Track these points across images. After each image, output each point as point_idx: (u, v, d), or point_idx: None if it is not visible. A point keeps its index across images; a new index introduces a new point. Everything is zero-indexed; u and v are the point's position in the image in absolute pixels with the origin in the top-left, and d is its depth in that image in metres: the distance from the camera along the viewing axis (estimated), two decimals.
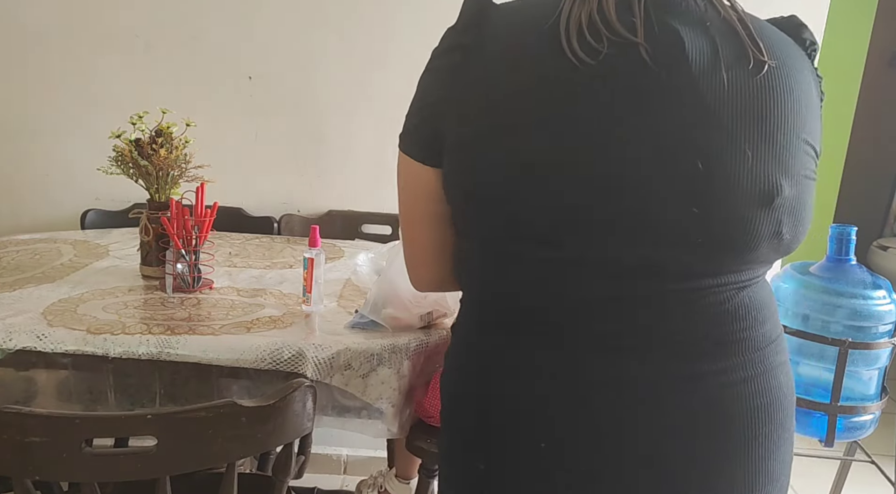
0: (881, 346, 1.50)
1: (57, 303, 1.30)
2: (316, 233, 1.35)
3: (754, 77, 0.70)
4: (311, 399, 1.03)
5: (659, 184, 0.67)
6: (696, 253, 0.70)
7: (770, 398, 0.75)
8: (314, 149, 2.09)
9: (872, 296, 1.50)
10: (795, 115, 0.71)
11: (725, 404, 0.73)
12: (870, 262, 3.34)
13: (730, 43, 0.70)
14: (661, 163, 0.67)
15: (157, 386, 1.16)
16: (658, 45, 0.68)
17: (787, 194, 0.70)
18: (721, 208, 0.68)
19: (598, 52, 0.67)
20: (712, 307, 0.72)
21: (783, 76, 0.72)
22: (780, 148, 0.70)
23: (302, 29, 2.01)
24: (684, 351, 0.72)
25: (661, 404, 0.72)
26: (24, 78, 2.03)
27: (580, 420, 0.73)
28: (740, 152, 0.68)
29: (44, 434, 0.88)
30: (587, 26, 0.68)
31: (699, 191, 0.68)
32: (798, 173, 0.71)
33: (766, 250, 0.72)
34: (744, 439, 0.74)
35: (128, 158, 1.47)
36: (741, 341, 0.73)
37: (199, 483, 1.23)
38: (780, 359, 0.77)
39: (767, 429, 0.75)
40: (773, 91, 0.71)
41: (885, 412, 1.59)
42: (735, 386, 0.73)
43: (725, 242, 0.70)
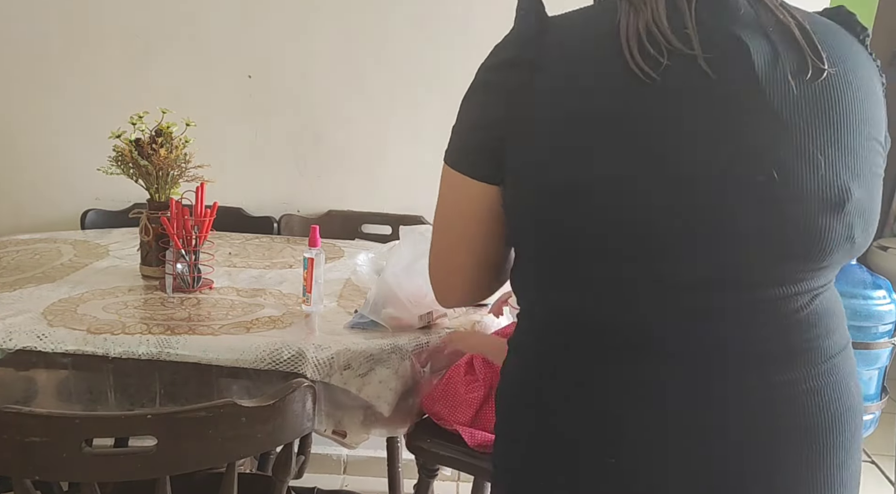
0: (881, 346, 1.50)
1: (57, 303, 1.30)
2: (316, 232, 1.35)
3: (817, 82, 0.69)
4: (311, 399, 1.03)
5: (734, 196, 0.67)
6: (771, 263, 0.69)
7: (843, 407, 0.74)
8: (314, 149, 2.09)
9: (872, 296, 1.50)
10: (861, 114, 0.71)
11: (801, 414, 0.72)
12: (870, 262, 3.33)
13: (790, 48, 0.70)
14: (734, 175, 0.67)
15: (157, 386, 1.16)
16: (720, 53, 0.67)
17: (857, 196, 0.69)
18: (796, 216, 0.68)
19: (660, 63, 0.66)
20: (786, 316, 0.71)
21: (844, 77, 0.71)
22: (849, 150, 0.69)
23: (302, 29, 2.01)
24: (759, 362, 0.71)
25: (737, 416, 0.71)
26: (24, 78, 2.03)
27: (654, 435, 0.72)
28: (812, 159, 0.67)
29: (44, 434, 0.88)
30: (647, 37, 0.67)
31: (773, 200, 0.67)
32: (867, 172, 0.71)
33: (840, 254, 0.71)
34: (818, 449, 0.73)
35: (128, 158, 1.47)
36: (813, 350, 0.73)
37: (199, 483, 1.24)
38: (849, 368, 0.76)
39: (842, 439, 0.74)
40: (838, 94, 0.70)
41: (885, 412, 1.59)
42: (809, 395, 0.72)
43: (801, 250, 0.69)
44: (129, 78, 2.02)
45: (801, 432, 0.73)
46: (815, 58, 0.69)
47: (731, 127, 0.67)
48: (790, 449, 0.72)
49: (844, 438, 0.75)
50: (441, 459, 1.33)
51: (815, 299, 0.73)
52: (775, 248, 0.68)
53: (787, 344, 0.72)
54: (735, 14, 0.70)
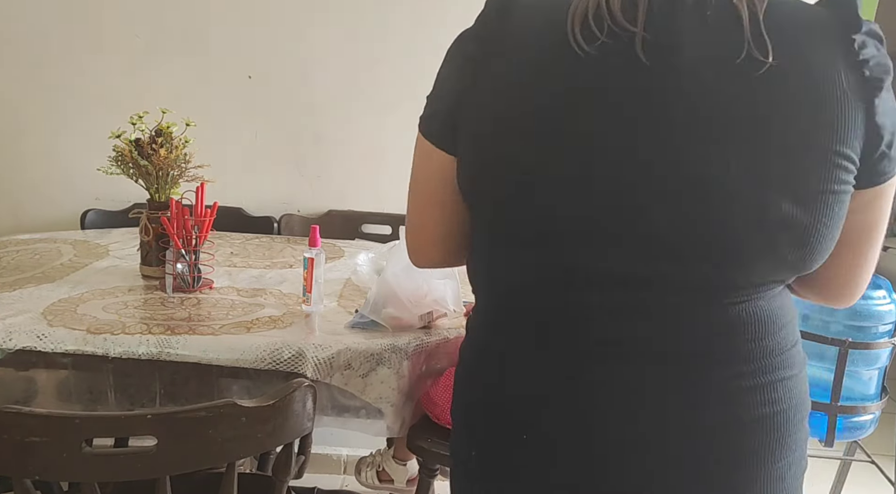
0: (881, 346, 1.50)
1: (57, 303, 1.30)
2: (316, 232, 1.35)
3: (756, 81, 0.63)
4: (311, 399, 1.03)
5: (645, 194, 0.65)
6: (689, 267, 0.67)
7: (775, 408, 0.73)
8: (314, 149, 2.09)
9: (872, 296, 1.50)
10: (813, 121, 0.64)
11: (731, 412, 0.72)
12: None
13: (734, 40, 0.64)
14: (648, 173, 0.65)
15: (157, 386, 1.16)
16: (660, 41, 0.64)
17: (787, 212, 0.64)
18: (708, 225, 0.65)
19: (597, 38, 0.65)
20: (718, 315, 0.70)
21: (796, 77, 0.64)
22: (783, 162, 0.63)
23: (302, 29, 2.01)
24: (683, 360, 0.71)
25: (662, 410, 0.71)
26: (24, 78, 2.03)
27: (577, 423, 0.72)
28: (727, 166, 0.63)
29: (44, 434, 0.88)
30: (592, 15, 0.65)
31: (685, 204, 0.65)
32: (812, 189, 0.65)
33: (769, 267, 0.68)
34: (750, 448, 0.73)
35: (128, 158, 1.47)
36: (749, 351, 0.72)
37: (199, 483, 1.23)
38: (790, 371, 0.75)
39: (772, 439, 0.74)
40: (781, 96, 0.63)
41: (885, 412, 1.59)
42: (741, 394, 0.72)
43: (715, 259, 0.67)
44: (129, 78, 2.02)
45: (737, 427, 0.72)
46: (758, 49, 0.63)
47: (651, 122, 0.64)
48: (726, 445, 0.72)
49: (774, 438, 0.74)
50: (441, 459, 1.33)
51: (745, 304, 0.71)
52: (688, 254, 0.66)
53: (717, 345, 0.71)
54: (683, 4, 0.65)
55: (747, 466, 0.73)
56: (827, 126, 0.64)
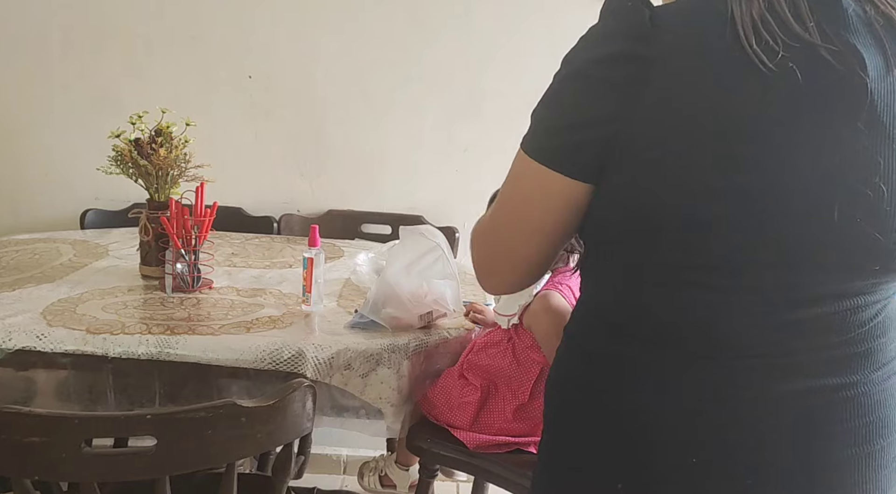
0: None
1: (56, 303, 1.30)
2: (315, 232, 1.35)
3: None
4: (311, 399, 1.02)
5: (841, 205, 0.64)
6: (868, 277, 0.68)
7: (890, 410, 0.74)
8: (314, 149, 2.09)
9: None
10: None
11: (878, 415, 0.72)
12: None
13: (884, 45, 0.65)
14: (843, 182, 0.64)
15: (157, 386, 1.16)
16: (837, 47, 0.63)
17: None
18: (889, 229, 0.65)
19: (776, 52, 0.62)
20: (861, 325, 0.71)
21: None
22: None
23: (302, 29, 2.01)
24: (832, 366, 0.71)
25: (814, 419, 0.71)
26: (25, 78, 2.03)
27: (731, 438, 0.71)
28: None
29: (44, 434, 0.88)
30: (763, 25, 0.63)
31: (878, 212, 0.65)
32: None
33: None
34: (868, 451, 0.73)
35: (127, 158, 1.47)
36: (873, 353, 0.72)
37: (198, 483, 1.23)
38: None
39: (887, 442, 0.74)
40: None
41: None
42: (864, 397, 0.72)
43: (887, 263, 0.67)
44: (129, 78, 2.02)
45: (877, 433, 0.72)
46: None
47: (849, 133, 0.63)
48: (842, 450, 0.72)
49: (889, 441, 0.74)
50: (441, 459, 1.33)
51: (884, 309, 0.72)
52: (875, 265, 0.67)
53: (860, 349, 0.71)
54: (844, 18, 0.65)
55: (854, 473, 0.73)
56: None
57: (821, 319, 0.69)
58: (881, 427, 0.73)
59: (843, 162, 0.63)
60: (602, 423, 0.76)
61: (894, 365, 0.75)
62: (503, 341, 1.31)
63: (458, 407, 1.29)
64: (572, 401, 0.80)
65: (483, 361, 1.31)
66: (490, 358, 1.30)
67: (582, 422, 0.78)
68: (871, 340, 0.72)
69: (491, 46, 1.96)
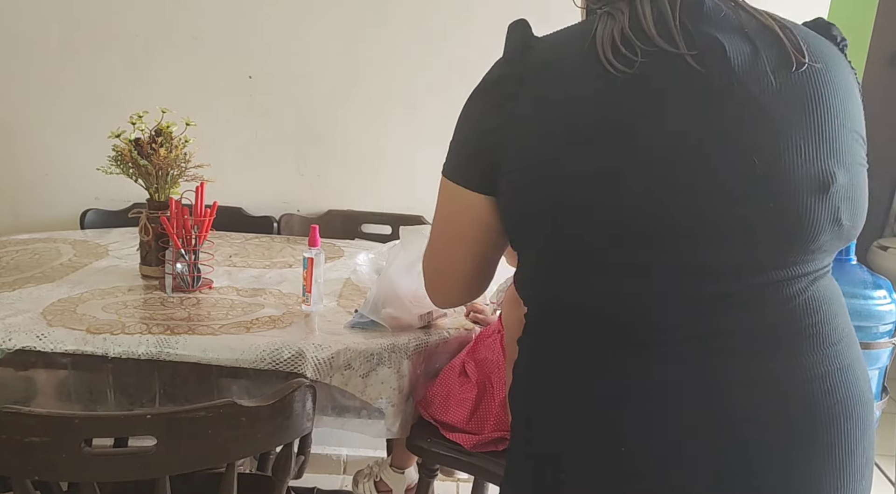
0: (881, 346, 1.50)
1: (56, 303, 1.30)
2: (316, 232, 1.35)
3: (799, 76, 0.73)
4: (311, 399, 1.02)
5: (719, 184, 0.70)
6: (762, 249, 0.72)
7: (850, 394, 0.75)
8: (314, 148, 2.09)
9: (873, 296, 1.50)
10: (841, 108, 0.74)
11: (808, 401, 0.73)
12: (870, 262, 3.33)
13: (770, 46, 0.74)
14: (718, 164, 0.70)
15: (157, 386, 1.16)
16: (699, 50, 0.72)
17: (842, 181, 0.73)
18: (781, 201, 0.71)
19: (633, 61, 0.71)
20: (785, 302, 0.73)
21: (825, 74, 0.75)
22: (831, 138, 0.73)
23: (302, 29, 2.01)
24: (762, 349, 0.72)
25: (744, 404, 0.72)
26: (25, 78, 2.03)
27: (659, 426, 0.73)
28: (793, 145, 0.71)
29: (44, 434, 0.88)
30: (620, 40, 0.72)
31: (758, 187, 0.70)
32: (851, 161, 0.75)
33: (829, 238, 0.74)
34: (827, 437, 0.74)
35: (127, 158, 1.47)
36: (815, 335, 0.74)
37: (198, 483, 1.23)
38: (855, 354, 0.78)
39: (849, 426, 0.75)
40: (818, 89, 0.74)
41: (885, 412, 1.59)
42: (815, 381, 0.73)
43: (789, 234, 0.72)
44: (128, 78, 2.02)
45: (809, 419, 0.73)
46: (797, 52, 0.74)
47: (713, 117, 0.71)
48: (800, 437, 0.73)
49: (852, 425, 0.75)
50: (441, 459, 1.33)
51: (812, 284, 0.75)
52: (765, 232, 0.71)
53: (789, 330, 0.73)
54: (716, 17, 0.74)
55: (828, 455, 0.74)
56: (850, 111, 0.76)
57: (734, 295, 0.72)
58: (834, 414, 0.74)
59: (714, 145, 0.70)
60: (539, 411, 0.81)
61: (841, 347, 0.76)
62: (494, 332, 1.32)
63: (457, 404, 1.29)
64: (517, 391, 0.86)
65: (480, 354, 1.31)
66: (485, 350, 1.31)
67: (524, 411, 0.84)
68: (804, 317, 0.74)
69: (490, 46, 1.95)
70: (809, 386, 0.73)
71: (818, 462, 0.74)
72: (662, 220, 0.70)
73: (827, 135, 0.73)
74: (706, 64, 0.71)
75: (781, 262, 0.73)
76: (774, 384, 0.72)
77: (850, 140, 0.75)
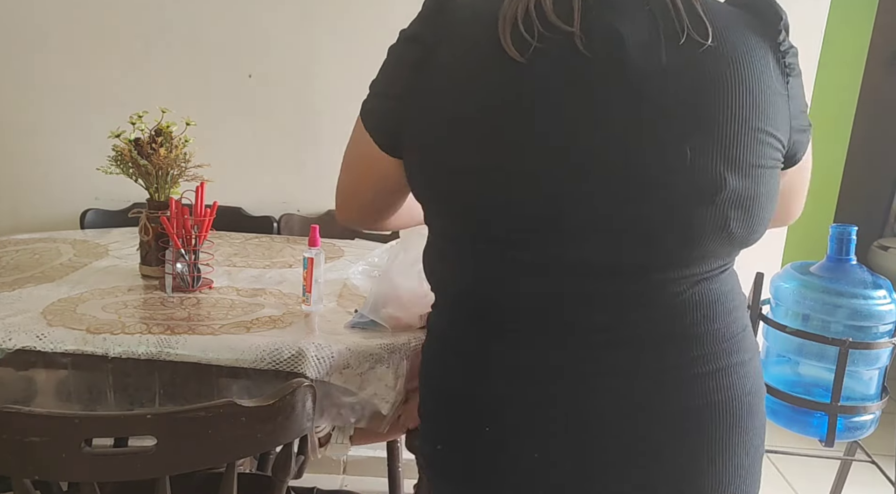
0: (881, 346, 1.50)
1: (56, 303, 1.30)
2: (316, 232, 1.35)
3: (697, 67, 0.67)
4: (311, 399, 1.02)
5: (596, 182, 0.67)
6: (642, 250, 0.69)
7: (730, 393, 0.74)
8: (314, 148, 2.09)
9: (873, 296, 1.50)
10: (747, 103, 0.68)
11: (687, 398, 0.73)
12: (870, 262, 3.34)
13: (673, 34, 0.68)
14: (597, 161, 0.67)
15: (157, 386, 1.16)
16: (593, 34, 0.67)
17: (734, 187, 0.67)
18: (660, 205, 0.67)
19: (528, 46, 0.67)
20: (668, 300, 0.72)
21: (731, 61, 0.68)
22: (725, 138, 0.67)
23: (302, 28, 2.01)
24: (643, 346, 0.72)
25: (624, 397, 0.72)
26: (24, 78, 2.03)
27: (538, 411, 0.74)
28: (677, 146, 0.66)
29: (43, 434, 0.88)
30: (522, 20, 0.68)
31: (636, 187, 0.67)
32: (749, 163, 0.68)
33: (715, 245, 0.70)
34: (706, 434, 0.73)
35: (127, 158, 1.47)
36: (699, 335, 0.73)
37: (198, 483, 1.23)
38: (741, 356, 0.76)
39: (726, 424, 0.74)
40: (719, 79, 0.67)
41: (885, 412, 1.59)
42: (696, 380, 0.73)
43: (669, 237, 0.69)
44: (128, 77, 2.02)
45: (685, 416, 0.73)
46: (697, 32, 0.67)
47: (597, 112, 0.67)
48: (673, 432, 0.73)
49: (728, 424, 0.74)
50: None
51: (697, 285, 0.72)
52: (641, 235, 0.69)
53: (670, 329, 0.72)
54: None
55: (704, 452, 0.74)
56: (755, 106, 0.68)
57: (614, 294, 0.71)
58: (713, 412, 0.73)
59: (593, 141, 0.67)
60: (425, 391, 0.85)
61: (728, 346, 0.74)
62: None
63: None
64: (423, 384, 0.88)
65: None
66: None
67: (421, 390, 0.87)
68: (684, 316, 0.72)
69: None
70: (690, 384, 0.73)
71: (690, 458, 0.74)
72: (538, 216, 0.69)
73: (721, 135, 0.67)
74: (596, 51, 0.67)
75: (664, 265, 0.71)
76: (653, 380, 0.72)
77: (751, 139, 0.68)
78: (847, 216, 3.13)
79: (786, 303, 1.56)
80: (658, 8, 0.68)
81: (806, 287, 1.54)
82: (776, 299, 1.59)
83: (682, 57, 0.67)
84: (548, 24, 0.67)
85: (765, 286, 1.59)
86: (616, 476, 0.74)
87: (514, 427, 0.75)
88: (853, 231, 1.54)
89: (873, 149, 3.62)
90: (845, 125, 3.24)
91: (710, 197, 0.67)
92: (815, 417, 1.53)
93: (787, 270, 1.61)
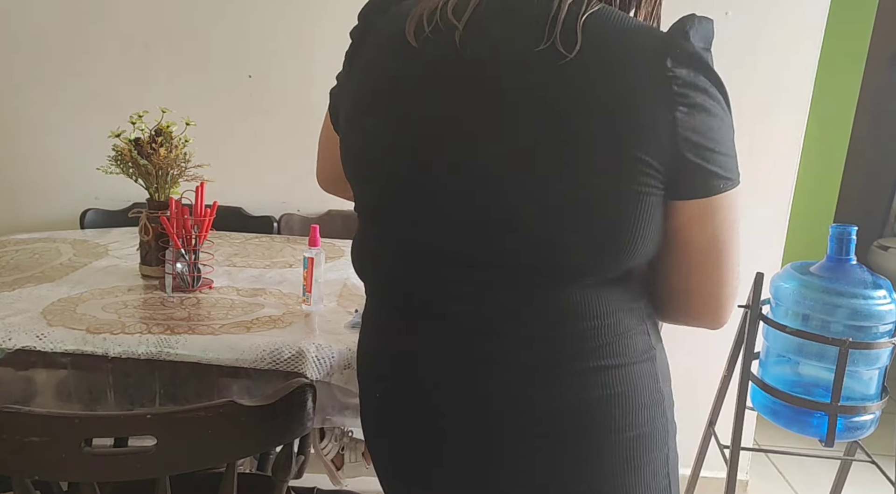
0: (881, 346, 1.50)
1: (56, 303, 1.30)
2: (316, 232, 1.35)
3: (556, 73, 0.66)
4: (311, 398, 1.02)
5: (440, 173, 0.71)
6: (492, 246, 0.71)
7: (576, 403, 0.73)
8: (314, 148, 2.08)
9: (873, 296, 1.50)
10: (609, 122, 0.65)
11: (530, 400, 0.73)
12: (870, 262, 3.34)
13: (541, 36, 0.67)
14: (439, 153, 0.71)
15: (157, 386, 1.16)
16: (472, 33, 0.71)
17: (589, 202, 0.66)
18: (499, 207, 0.69)
19: (423, 33, 0.72)
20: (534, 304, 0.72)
21: (599, 76, 0.66)
22: (581, 155, 0.66)
23: (302, 29, 2.01)
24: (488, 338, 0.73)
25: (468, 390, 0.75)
26: (24, 78, 2.03)
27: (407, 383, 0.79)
28: (523, 149, 0.67)
29: (43, 434, 0.88)
30: (428, 14, 0.73)
31: (487, 191, 0.69)
32: (609, 184, 0.66)
33: (563, 254, 0.69)
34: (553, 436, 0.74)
35: (127, 158, 1.47)
36: (564, 337, 0.72)
37: (198, 483, 1.23)
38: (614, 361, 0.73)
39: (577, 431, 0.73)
40: (579, 93, 0.66)
41: (885, 412, 1.59)
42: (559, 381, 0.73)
43: (507, 239, 0.70)
44: (128, 78, 2.02)
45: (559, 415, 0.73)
46: (564, 44, 0.66)
47: (450, 105, 0.71)
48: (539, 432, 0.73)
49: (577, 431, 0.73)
50: None
51: (554, 288, 0.72)
52: (482, 232, 0.71)
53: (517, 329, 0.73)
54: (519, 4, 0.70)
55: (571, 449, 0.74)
56: (624, 128, 0.66)
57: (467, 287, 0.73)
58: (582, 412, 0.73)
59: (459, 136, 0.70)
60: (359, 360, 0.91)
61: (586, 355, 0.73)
62: None
63: None
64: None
65: None
66: None
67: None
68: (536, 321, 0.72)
69: None
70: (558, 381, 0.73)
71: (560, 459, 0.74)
72: (390, 195, 0.76)
73: (574, 149, 0.65)
74: (467, 49, 0.70)
75: (514, 264, 0.71)
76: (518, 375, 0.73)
77: (615, 161, 0.66)
78: (847, 216, 3.12)
79: (786, 303, 1.56)
80: (540, 16, 0.68)
81: (806, 287, 1.54)
82: (776, 299, 1.59)
83: (545, 65, 0.67)
84: (445, 19, 0.72)
85: (765, 286, 1.59)
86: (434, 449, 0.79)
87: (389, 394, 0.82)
88: (853, 231, 1.54)
89: (873, 149, 3.62)
90: (845, 125, 3.24)
91: (565, 208, 0.67)
92: (814, 417, 1.53)
93: (786, 270, 1.61)
